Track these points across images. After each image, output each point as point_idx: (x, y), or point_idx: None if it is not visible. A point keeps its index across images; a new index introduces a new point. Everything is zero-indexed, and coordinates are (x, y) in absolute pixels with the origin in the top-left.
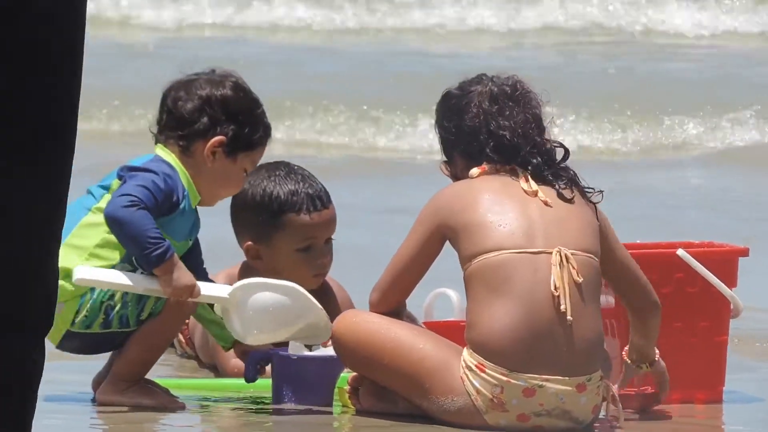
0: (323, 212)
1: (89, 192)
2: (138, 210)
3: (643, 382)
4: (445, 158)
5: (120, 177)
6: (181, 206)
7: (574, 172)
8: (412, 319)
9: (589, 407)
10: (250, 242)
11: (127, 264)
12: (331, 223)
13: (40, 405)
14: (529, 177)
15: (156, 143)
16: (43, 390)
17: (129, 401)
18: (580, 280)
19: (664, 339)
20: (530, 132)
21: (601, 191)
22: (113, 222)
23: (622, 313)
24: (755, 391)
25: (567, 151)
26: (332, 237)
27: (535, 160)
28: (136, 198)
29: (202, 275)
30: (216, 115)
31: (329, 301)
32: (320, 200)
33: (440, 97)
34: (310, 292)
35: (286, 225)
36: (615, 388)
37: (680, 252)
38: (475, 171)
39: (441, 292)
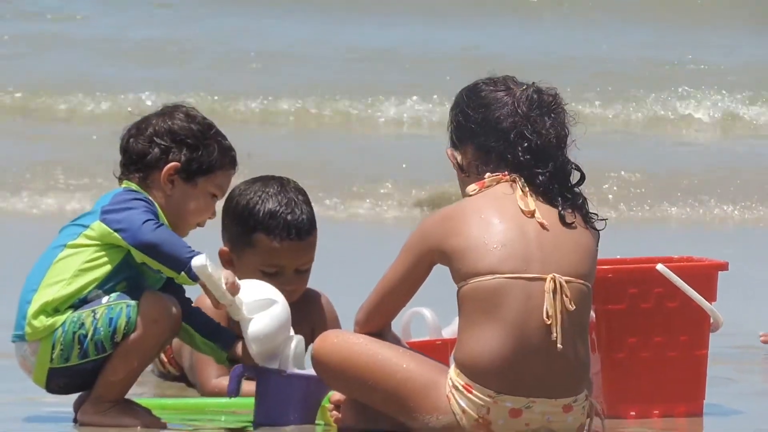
0: (295, 242)
1: (64, 230)
2: (165, 229)
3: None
4: (454, 144)
5: (104, 219)
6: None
7: (584, 197)
8: (396, 340)
9: (574, 426)
10: (225, 247)
11: (100, 291)
12: (302, 254)
13: (22, 426)
14: (528, 194)
15: (120, 183)
16: (23, 411)
17: (110, 421)
18: (573, 308)
19: (644, 353)
20: (554, 146)
21: (605, 219)
22: (150, 247)
23: (603, 325)
24: (736, 404)
25: (583, 176)
26: (307, 267)
27: (547, 176)
28: (153, 220)
29: (185, 301)
30: (166, 144)
31: (315, 312)
32: (296, 230)
33: (469, 85)
34: (295, 302)
35: (255, 244)
36: (597, 404)
37: (660, 267)
38: (472, 188)
39: (416, 311)
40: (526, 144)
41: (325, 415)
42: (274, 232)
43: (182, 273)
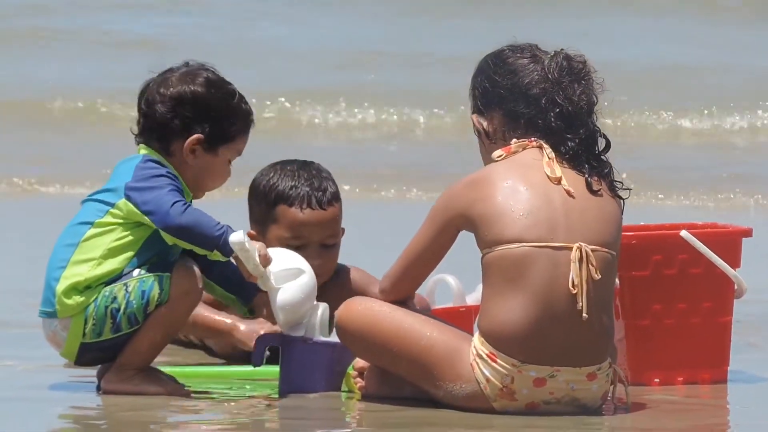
0: (317, 212)
1: (85, 204)
2: (194, 209)
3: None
4: (479, 110)
5: (130, 198)
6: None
7: (610, 165)
8: (423, 307)
9: (599, 394)
10: (252, 230)
11: (131, 269)
12: (326, 225)
13: (45, 393)
14: (554, 161)
15: (137, 144)
16: (47, 379)
17: (134, 389)
18: (599, 277)
19: (668, 320)
20: (585, 113)
21: (629, 188)
22: (180, 231)
23: (627, 292)
24: (760, 371)
25: (608, 143)
26: (333, 242)
27: (576, 142)
28: (181, 201)
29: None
30: (189, 115)
31: (345, 291)
32: (317, 199)
33: (494, 52)
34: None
35: (278, 217)
36: (621, 371)
37: (684, 233)
38: (498, 153)
39: (440, 278)
40: (558, 110)
41: (349, 382)
42: (296, 203)
43: (214, 251)
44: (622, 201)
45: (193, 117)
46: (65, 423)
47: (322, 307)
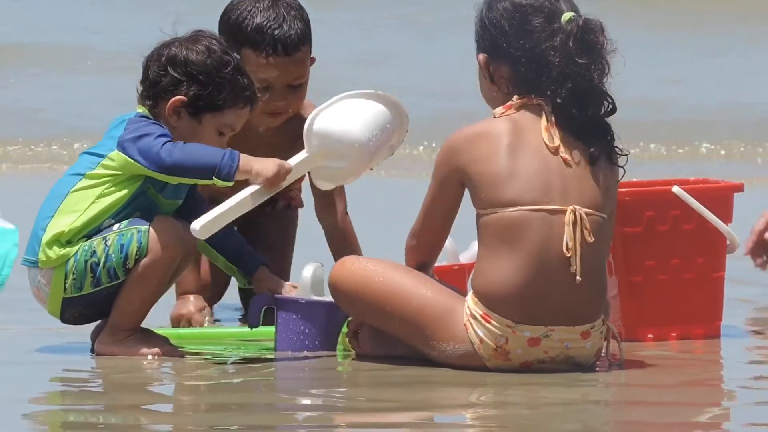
0: (282, 58)
1: (83, 157)
2: (179, 144)
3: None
4: (487, 52)
5: (122, 149)
6: None
7: (612, 130)
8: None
9: (593, 351)
10: None
11: (112, 220)
12: (292, 70)
13: (38, 356)
14: (553, 125)
15: (138, 102)
16: (41, 341)
17: (128, 351)
18: (592, 240)
19: (661, 276)
20: (598, 82)
21: (627, 153)
22: (175, 168)
23: (620, 249)
24: (752, 326)
25: (614, 107)
26: (300, 83)
27: (583, 109)
28: (170, 140)
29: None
30: (176, 76)
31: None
32: (283, 45)
33: (512, 3)
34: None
35: (244, 59)
36: (614, 327)
37: (676, 189)
38: (500, 110)
39: None
40: (570, 85)
41: (344, 341)
42: (261, 48)
43: (214, 179)
44: (620, 168)
45: (180, 79)
46: (59, 386)
47: (314, 266)
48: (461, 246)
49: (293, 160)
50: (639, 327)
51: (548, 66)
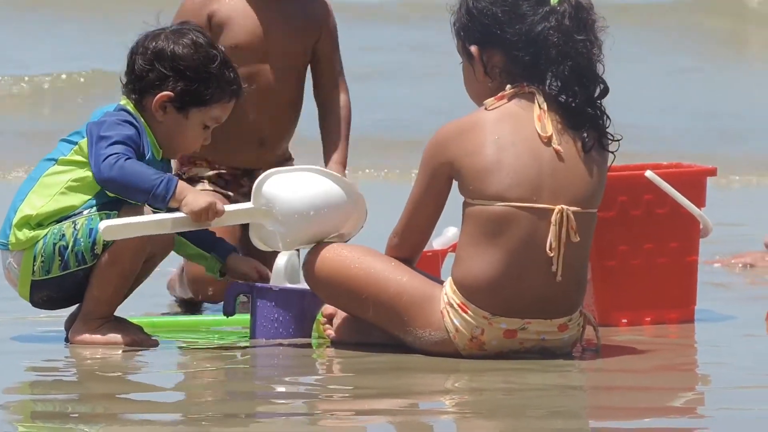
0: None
1: (60, 144)
2: (126, 161)
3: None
4: (479, 43)
5: (89, 134)
6: (147, 157)
7: (605, 114)
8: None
9: (569, 342)
10: None
11: (88, 208)
12: None
13: (12, 346)
14: (546, 113)
15: (122, 93)
16: (15, 330)
17: (101, 339)
18: (577, 240)
19: (635, 260)
20: (595, 67)
21: (619, 139)
22: (110, 183)
23: (595, 235)
24: (726, 310)
25: (606, 88)
26: None
27: (579, 93)
28: (117, 153)
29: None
30: (163, 71)
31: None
32: None
33: None
34: None
35: None
36: (590, 315)
37: (648, 173)
38: (490, 101)
39: None
40: (570, 63)
41: (319, 328)
42: None
43: (147, 203)
44: (610, 154)
45: (167, 74)
46: (34, 375)
47: (288, 254)
48: (435, 232)
49: (233, 206)
50: (613, 312)
51: (546, 47)
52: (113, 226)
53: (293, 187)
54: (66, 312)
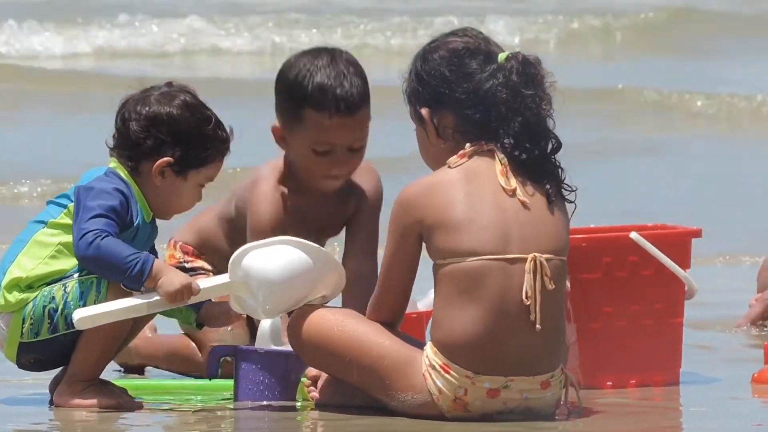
0: (345, 117)
1: (49, 206)
2: (103, 240)
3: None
4: (429, 105)
5: (76, 199)
6: (136, 223)
7: (561, 167)
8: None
9: (552, 401)
10: (277, 124)
11: (78, 272)
12: (354, 130)
13: None
14: (508, 168)
15: (110, 155)
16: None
17: (86, 402)
18: (552, 287)
19: (620, 322)
20: (545, 122)
21: (575, 189)
22: (87, 262)
23: (579, 295)
24: (712, 372)
25: (559, 143)
26: (360, 145)
27: (536, 151)
28: (96, 230)
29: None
30: (161, 137)
31: (353, 201)
32: (346, 104)
33: (446, 47)
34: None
35: (305, 120)
36: (572, 375)
37: (633, 235)
38: (454, 160)
39: None
40: (520, 119)
41: (303, 391)
42: (323, 107)
43: (123, 283)
44: (570, 203)
45: (165, 139)
46: None
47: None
48: (418, 293)
49: (210, 282)
50: (598, 374)
51: (496, 104)
52: (87, 317)
53: (266, 259)
54: (50, 374)
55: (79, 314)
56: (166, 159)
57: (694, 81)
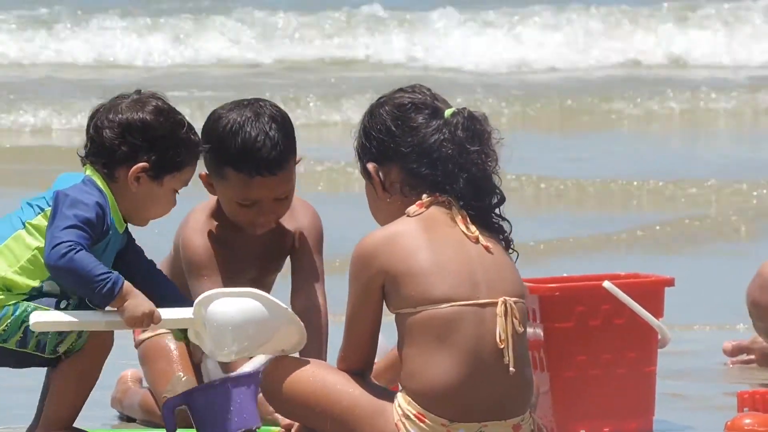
0: (267, 179)
1: (25, 206)
2: (76, 254)
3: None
4: (376, 160)
5: (54, 204)
6: (108, 236)
7: (506, 220)
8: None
9: None
10: (205, 172)
11: (53, 282)
12: (276, 187)
13: None
14: (468, 219)
15: (83, 165)
16: None
17: None
18: (522, 329)
19: (593, 370)
20: (491, 177)
21: (516, 251)
22: (56, 272)
23: (552, 344)
24: (686, 420)
25: (503, 197)
26: (285, 195)
27: (484, 203)
28: (70, 242)
29: (149, 267)
30: (136, 142)
31: (300, 216)
32: (267, 165)
33: (392, 102)
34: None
35: (228, 177)
36: (539, 420)
37: (606, 284)
38: (414, 209)
39: None
40: (466, 175)
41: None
42: (244, 169)
43: (87, 299)
44: (516, 254)
45: (140, 145)
46: None
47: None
48: (391, 341)
49: (173, 313)
50: (571, 422)
51: (441, 160)
52: (44, 322)
53: (228, 304)
54: (26, 423)
55: (35, 317)
56: (141, 164)
57: None
